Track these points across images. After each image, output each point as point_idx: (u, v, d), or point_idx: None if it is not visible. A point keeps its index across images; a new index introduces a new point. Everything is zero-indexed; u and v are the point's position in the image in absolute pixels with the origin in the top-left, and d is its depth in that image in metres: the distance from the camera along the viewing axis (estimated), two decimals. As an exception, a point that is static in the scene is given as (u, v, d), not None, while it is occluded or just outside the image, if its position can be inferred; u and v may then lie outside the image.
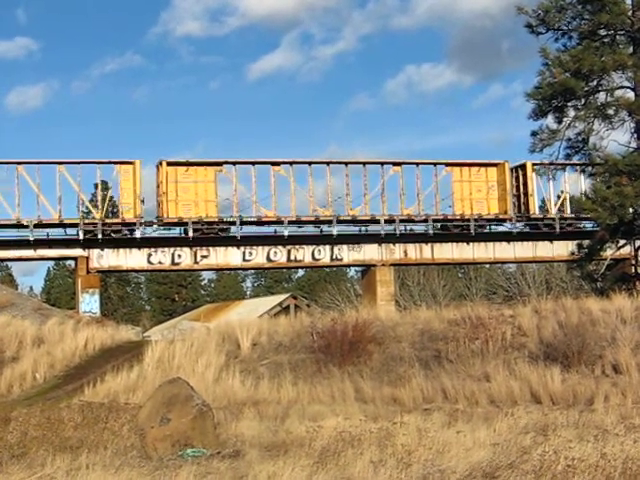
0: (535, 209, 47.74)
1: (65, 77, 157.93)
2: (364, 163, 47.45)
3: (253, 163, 45.64)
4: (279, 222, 45.11)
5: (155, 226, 44.64)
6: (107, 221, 43.41)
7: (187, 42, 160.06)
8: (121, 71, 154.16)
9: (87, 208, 45.00)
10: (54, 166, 42.99)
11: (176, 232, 44.86)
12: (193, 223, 43.44)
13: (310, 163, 46.50)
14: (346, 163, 47.13)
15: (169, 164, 43.91)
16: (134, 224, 43.48)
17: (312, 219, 45.78)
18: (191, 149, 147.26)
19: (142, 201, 43.69)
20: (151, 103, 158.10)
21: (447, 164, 47.69)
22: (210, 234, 43.85)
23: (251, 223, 45.46)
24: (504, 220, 47.43)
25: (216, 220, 44.00)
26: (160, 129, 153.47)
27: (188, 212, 43.68)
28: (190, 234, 43.32)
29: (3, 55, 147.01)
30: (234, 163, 45.27)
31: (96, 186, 47.36)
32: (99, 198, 45.11)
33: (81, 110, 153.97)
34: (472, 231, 46.79)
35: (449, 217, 47.20)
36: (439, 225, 47.58)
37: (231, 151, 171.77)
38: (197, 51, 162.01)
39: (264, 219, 45.02)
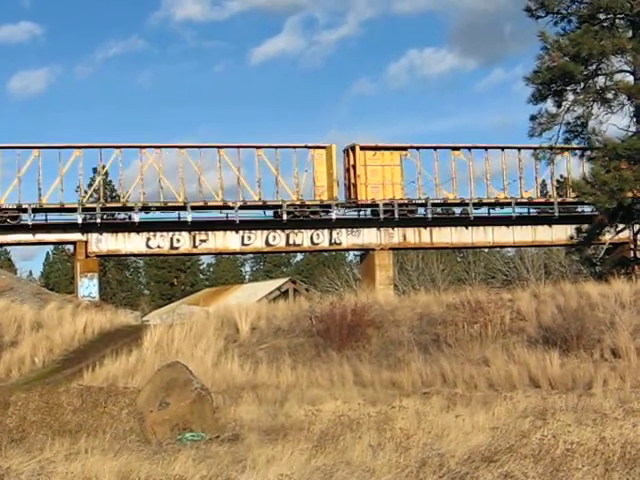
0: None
1: (68, 61, 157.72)
2: (535, 148, 47.78)
3: (435, 148, 47.61)
4: (465, 204, 46.95)
5: (344, 209, 46.58)
6: (108, 205, 43.72)
7: (190, 26, 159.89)
8: (124, 55, 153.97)
9: (85, 192, 45.10)
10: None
11: (366, 213, 46.93)
12: (384, 205, 45.31)
13: (486, 148, 48.12)
14: (519, 148, 48.03)
15: (361, 148, 45.71)
16: (329, 206, 45.43)
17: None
18: (193, 134, 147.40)
19: (338, 183, 45.59)
20: (154, 87, 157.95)
21: None
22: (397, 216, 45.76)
23: (435, 205, 47.26)
24: None
25: (405, 202, 45.72)
26: (162, 113, 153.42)
27: (377, 194, 45.70)
28: (381, 216, 45.42)
29: (7, 39, 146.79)
30: (417, 148, 47.28)
31: (95, 170, 47.39)
32: (99, 183, 45.35)
33: (84, 94, 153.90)
34: (470, 215, 46.83)
35: None
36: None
37: (233, 136, 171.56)
38: (200, 35, 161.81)
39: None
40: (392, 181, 46.07)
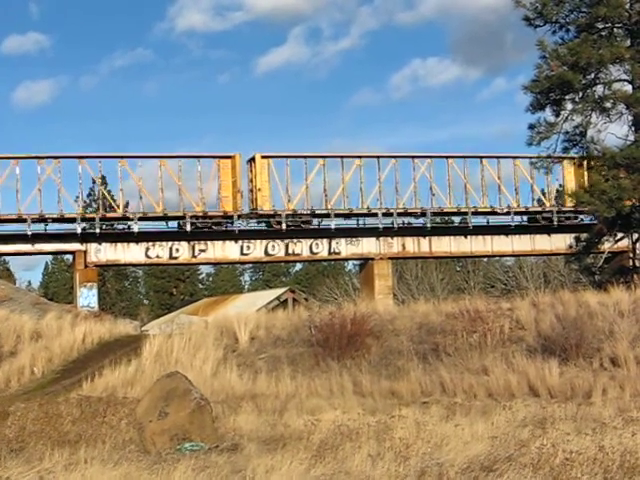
0: None
1: (74, 72, 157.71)
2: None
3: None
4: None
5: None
6: (107, 215, 43.73)
7: (195, 36, 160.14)
8: (130, 66, 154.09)
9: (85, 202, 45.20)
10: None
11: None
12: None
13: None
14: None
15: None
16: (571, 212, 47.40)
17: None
18: (198, 143, 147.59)
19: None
20: (159, 98, 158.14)
21: None
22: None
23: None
24: None
25: None
26: (168, 123, 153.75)
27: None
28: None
29: (15, 50, 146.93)
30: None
31: (94, 181, 47.48)
32: (98, 194, 45.51)
33: (89, 105, 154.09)
34: (469, 224, 46.85)
35: None
36: None
37: (237, 145, 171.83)
38: (205, 45, 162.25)
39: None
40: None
